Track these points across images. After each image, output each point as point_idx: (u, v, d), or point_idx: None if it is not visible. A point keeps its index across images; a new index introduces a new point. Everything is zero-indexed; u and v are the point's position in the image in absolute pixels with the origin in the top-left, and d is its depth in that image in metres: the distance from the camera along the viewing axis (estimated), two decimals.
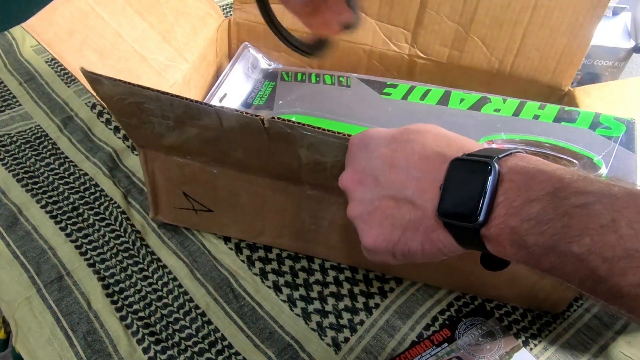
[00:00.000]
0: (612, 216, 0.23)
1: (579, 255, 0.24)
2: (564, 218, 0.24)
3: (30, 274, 0.52)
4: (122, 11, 0.52)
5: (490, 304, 0.52)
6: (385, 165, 0.32)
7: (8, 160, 0.62)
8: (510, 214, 0.26)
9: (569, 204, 0.24)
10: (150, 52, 0.53)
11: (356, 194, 0.33)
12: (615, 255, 0.23)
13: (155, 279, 0.52)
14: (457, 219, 0.28)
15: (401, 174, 0.31)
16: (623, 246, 0.23)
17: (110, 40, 0.49)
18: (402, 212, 0.31)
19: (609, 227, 0.23)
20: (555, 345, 0.49)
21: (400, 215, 0.31)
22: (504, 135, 0.50)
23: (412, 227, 0.31)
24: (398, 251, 0.32)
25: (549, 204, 0.25)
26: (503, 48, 0.58)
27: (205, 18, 0.63)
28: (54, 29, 0.44)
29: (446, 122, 0.53)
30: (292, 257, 0.54)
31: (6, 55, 0.76)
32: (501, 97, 0.53)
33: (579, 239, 0.24)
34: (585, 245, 0.24)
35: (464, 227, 0.28)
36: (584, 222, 0.24)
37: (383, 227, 0.32)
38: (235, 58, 0.63)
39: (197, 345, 0.48)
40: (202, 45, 0.61)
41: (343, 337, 0.49)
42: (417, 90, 0.55)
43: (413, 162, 0.31)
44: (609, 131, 0.49)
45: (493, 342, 0.49)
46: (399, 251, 0.32)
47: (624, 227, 0.23)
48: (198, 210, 0.53)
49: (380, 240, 0.32)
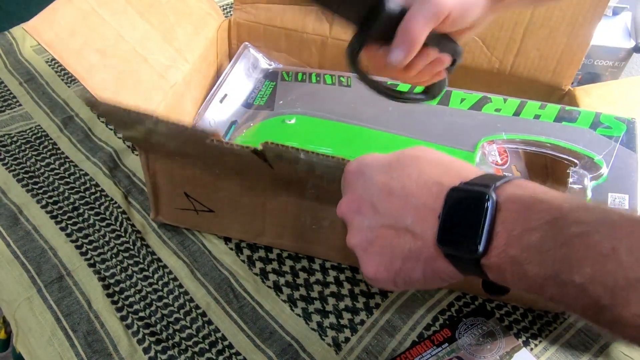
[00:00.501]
0: (612, 245, 0.23)
1: (580, 285, 0.24)
2: (564, 248, 0.24)
3: (30, 274, 0.52)
4: (123, 12, 0.52)
5: (490, 304, 0.52)
6: (383, 193, 0.32)
7: (8, 160, 0.62)
8: (509, 243, 0.26)
9: (568, 233, 0.24)
10: (151, 53, 0.53)
11: (354, 222, 0.33)
12: (617, 285, 0.23)
13: (155, 279, 0.52)
14: (457, 249, 0.28)
15: (399, 202, 0.31)
16: (624, 275, 0.23)
17: (111, 40, 0.49)
18: (402, 242, 0.31)
19: (609, 256, 0.23)
20: (556, 345, 0.49)
21: (401, 245, 0.31)
22: (504, 135, 0.50)
23: (413, 257, 0.31)
24: (400, 280, 0.32)
25: (548, 233, 0.25)
26: (503, 48, 0.58)
27: (205, 18, 0.63)
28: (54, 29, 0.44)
29: (446, 122, 0.53)
30: (293, 257, 0.54)
31: (6, 55, 0.76)
32: (502, 97, 0.53)
33: (579, 269, 0.24)
34: (586, 275, 0.23)
35: (464, 257, 0.28)
36: (584, 252, 0.24)
37: (383, 257, 0.32)
38: (236, 58, 0.63)
39: (197, 345, 0.48)
40: (203, 45, 0.61)
41: (343, 337, 0.49)
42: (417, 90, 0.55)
43: (411, 190, 0.31)
44: (609, 131, 0.49)
45: (493, 342, 0.49)
46: (400, 280, 0.32)
47: (624, 255, 0.23)
48: (199, 210, 0.53)
49: (382, 271, 0.32)
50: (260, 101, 0.60)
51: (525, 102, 0.53)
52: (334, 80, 0.59)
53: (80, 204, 0.58)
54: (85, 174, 0.61)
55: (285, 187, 0.47)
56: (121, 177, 0.61)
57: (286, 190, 0.48)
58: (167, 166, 0.49)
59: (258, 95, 0.61)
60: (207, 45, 0.62)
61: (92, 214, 0.57)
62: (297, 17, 0.62)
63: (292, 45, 0.65)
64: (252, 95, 0.62)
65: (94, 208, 0.58)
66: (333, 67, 0.64)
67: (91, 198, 0.59)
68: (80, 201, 0.58)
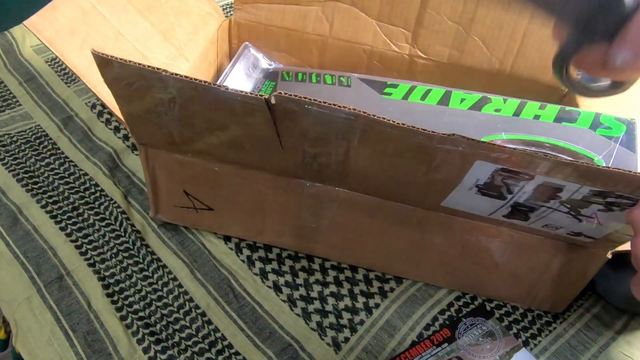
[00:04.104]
0: None
1: None
2: None
3: (30, 273, 0.52)
4: (123, 10, 0.52)
5: (490, 304, 0.52)
6: None
7: (8, 160, 0.62)
8: None
9: None
10: (151, 51, 0.53)
11: None
12: None
13: (155, 278, 0.52)
14: None
15: None
16: None
17: (111, 39, 0.49)
18: None
19: None
20: (556, 345, 0.49)
21: None
22: (504, 135, 0.50)
23: None
24: None
25: None
26: (503, 48, 0.58)
27: (206, 18, 0.63)
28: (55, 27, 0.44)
29: (447, 122, 0.53)
30: (292, 257, 0.54)
31: (6, 55, 0.76)
32: (502, 97, 0.53)
33: None
34: None
35: None
36: None
37: None
38: (236, 58, 0.63)
39: (197, 345, 0.48)
40: (203, 45, 0.61)
41: (343, 337, 0.49)
42: (418, 90, 0.55)
43: None
44: (609, 131, 0.49)
45: (493, 342, 0.49)
46: None
47: None
48: (199, 208, 0.53)
49: None
50: None
51: (525, 102, 0.53)
52: (334, 80, 0.59)
53: (80, 204, 0.58)
54: (85, 174, 0.61)
55: (286, 185, 0.47)
56: (121, 177, 0.61)
57: (287, 188, 0.48)
58: (167, 163, 0.49)
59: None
60: (207, 45, 0.62)
61: (92, 214, 0.57)
62: (298, 17, 0.63)
63: (293, 45, 0.65)
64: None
65: (94, 208, 0.58)
66: (333, 67, 0.64)
67: (91, 198, 0.59)
68: (80, 201, 0.58)
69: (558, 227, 0.42)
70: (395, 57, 0.62)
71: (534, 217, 0.42)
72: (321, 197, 0.47)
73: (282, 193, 0.48)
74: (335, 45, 0.63)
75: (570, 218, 0.40)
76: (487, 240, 0.47)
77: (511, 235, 0.46)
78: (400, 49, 0.62)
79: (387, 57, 0.62)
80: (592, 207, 0.38)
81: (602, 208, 0.38)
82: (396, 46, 0.61)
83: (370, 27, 0.61)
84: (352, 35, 0.62)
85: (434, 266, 0.51)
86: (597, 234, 0.41)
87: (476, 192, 0.40)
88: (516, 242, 0.46)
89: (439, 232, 0.48)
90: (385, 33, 0.61)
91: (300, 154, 0.43)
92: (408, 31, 0.60)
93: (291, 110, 0.37)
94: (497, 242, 0.47)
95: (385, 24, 0.61)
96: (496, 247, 0.47)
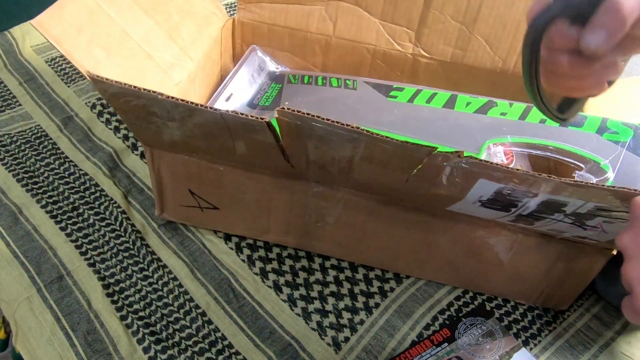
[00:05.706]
0: None
1: None
2: None
3: (30, 273, 0.52)
4: (128, 9, 0.52)
5: (490, 303, 0.52)
6: None
7: (8, 160, 0.62)
8: None
9: None
10: (156, 51, 0.53)
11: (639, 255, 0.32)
12: None
13: (155, 278, 0.52)
14: None
15: None
16: None
17: (117, 38, 0.49)
18: None
19: None
20: (555, 345, 0.49)
21: None
22: (510, 138, 0.50)
23: None
24: None
25: None
26: (506, 47, 0.58)
27: (210, 17, 0.63)
28: (62, 26, 0.44)
29: (452, 125, 0.53)
30: (293, 257, 0.54)
31: (6, 55, 0.76)
32: (507, 102, 0.53)
33: None
34: None
35: None
36: None
37: None
38: (243, 60, 0.63)
39: (197, 345, 0.48)
40: (207, 44, 0.61)
41: (343, 337, 0.49)
42: (424, 94, 0.55)
43: None
44: (616, 136, 0.49)
45: (493, 342, 0.49)
46: None
47: None
48: (204, 207, 0.53)
49: None
50: (266, 102, 0.61)
51: (531, 106, 0.52)
52: (339, 83, 0.59)
53: (80, 203, 0.58)
54: (85, 174, 0.61)
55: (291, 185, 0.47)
56: (121, 177, 0.61)
57: (292, 187, 0.48)
58: (172, 162, 0.49)
59: (264, 97, 0.62)
60: (211, 44, 0.62)
61: (92, 213, 0.57)
62: (301, 16, 0.63)
63: (296, 45, 0.65)
64: (258, 96, 0.62)
65: (94, 208, 0.58)
66: (336, 66, 0.64)
67: (91, 198, 0.59)
68: (80, 201, 0.58)
69: (563, 232, 0.43)
70: (399, 57, 0.62)
71: (539, 224, 0.42)
72: (326, 197, 0.47)
73: (287, 193, 0.48)
74: (338, 44, 0.63)
75: (575, 227, 0.40)
76: (491, 239, 0.47)
77: (516, 236, 0.46)
78: (404, 48, 0.62)
79: (390, 56, 0.62)
80: (597, 220, 0.38)
81: (607, 220, 0.38)
82: (399, 45, 0.61)
83: (374, 27, 0.61)
84: (355, 35, 0.62)
85: (439, 264, 0.51)
86: (601, 238, 0.41)
87: (480, 206, 0.40)
88: (521, 242, 0.46)
89: (443, 232, 0.48)
90: (388, 32, 0.61)
91: (304, 163, 0.43)
92: (411, 30, 0.60)
93: (294, 125, 0.38)
94: (501, 242, 0.47)
95: (389, 24, 0.61)
96: (501, 247, 0.47)
